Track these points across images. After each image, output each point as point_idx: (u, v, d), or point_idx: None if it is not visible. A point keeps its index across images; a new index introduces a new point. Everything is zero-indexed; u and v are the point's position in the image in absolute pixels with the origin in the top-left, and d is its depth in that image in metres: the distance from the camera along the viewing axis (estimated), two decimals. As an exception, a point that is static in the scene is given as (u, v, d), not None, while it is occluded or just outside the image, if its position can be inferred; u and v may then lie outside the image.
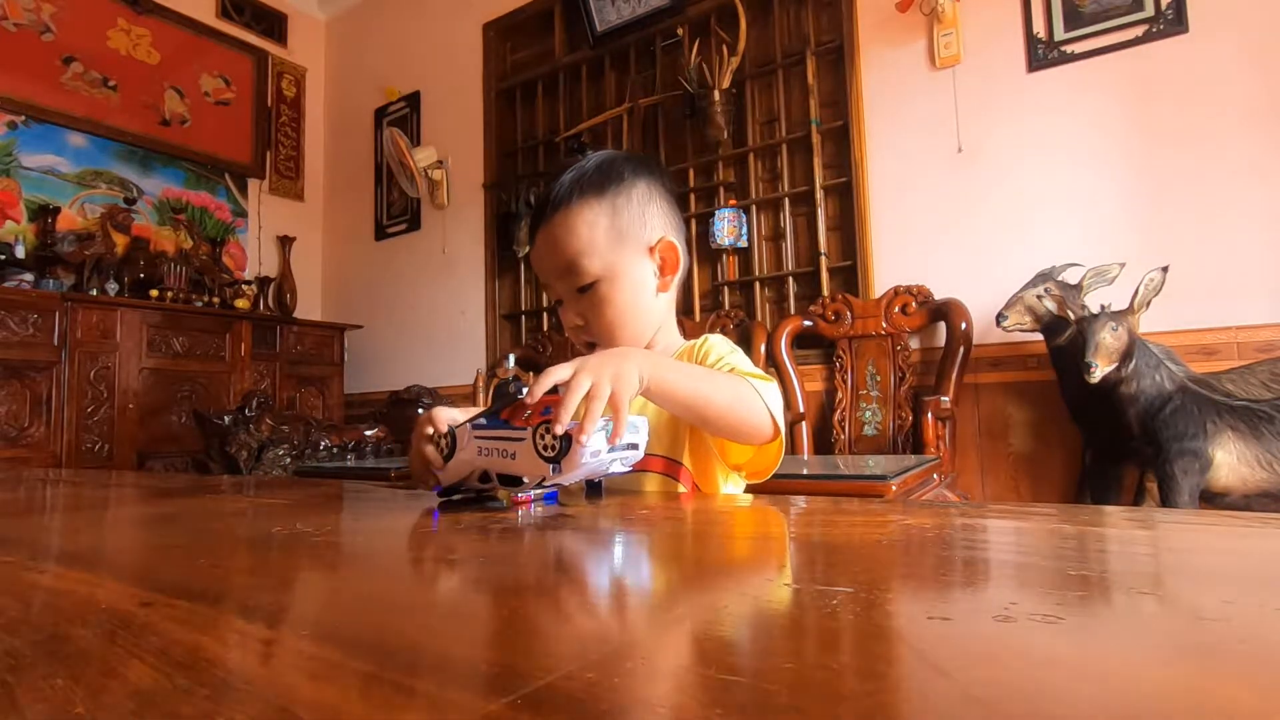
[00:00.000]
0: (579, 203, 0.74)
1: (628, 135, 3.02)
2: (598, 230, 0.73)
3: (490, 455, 0.57)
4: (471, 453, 0.58)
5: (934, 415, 2.10)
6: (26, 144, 3.17)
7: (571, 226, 0.73)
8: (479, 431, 0.58)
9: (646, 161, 0.81)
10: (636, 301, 0.76)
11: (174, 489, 0.90)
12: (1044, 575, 0.32)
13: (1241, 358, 1.91)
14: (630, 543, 0.47)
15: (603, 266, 0.73)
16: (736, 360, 0.74)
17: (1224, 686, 0.18)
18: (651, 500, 0.65)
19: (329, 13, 4.34)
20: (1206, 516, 0.55)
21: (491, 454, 0.57)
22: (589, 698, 0.18)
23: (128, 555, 0.47)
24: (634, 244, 0.75)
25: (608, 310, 0.75)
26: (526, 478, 0.55)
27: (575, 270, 0.74)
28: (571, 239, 0.73)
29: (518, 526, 0.53)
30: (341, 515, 0.62)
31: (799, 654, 0.22)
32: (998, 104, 2.31)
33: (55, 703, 0.19)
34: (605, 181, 0.75)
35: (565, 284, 0.75)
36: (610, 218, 0.74)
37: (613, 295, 0.74)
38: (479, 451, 0.57)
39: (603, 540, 0.49)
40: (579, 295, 0.75)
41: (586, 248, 0.73)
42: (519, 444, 0.55)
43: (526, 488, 0.56)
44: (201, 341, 3.27)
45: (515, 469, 0.55)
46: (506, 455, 0.55)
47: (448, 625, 0.27)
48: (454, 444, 0.59)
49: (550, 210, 0.75)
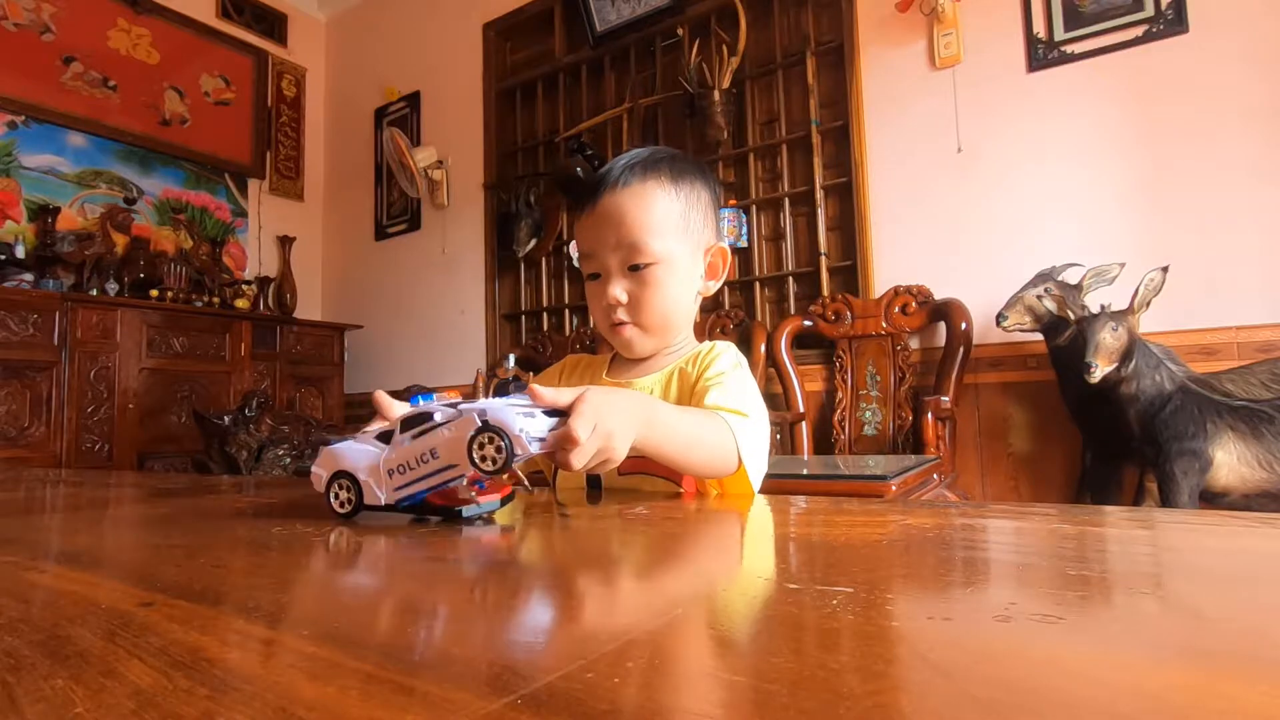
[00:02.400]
0: (655, 183, 0.74)
1: (628, 135, 3.02)
2: (671, 215, 0.74)
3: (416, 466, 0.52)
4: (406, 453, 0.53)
5: (934, 415, 2.10)
6: (26, 144, 3.17)
7: (646, 203, 0.73)
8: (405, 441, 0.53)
9: (710, 171, 0.83)
10: (683, 294, 0.77)
11: (174, 489, 0.90)
12: (1044, 575, 0.32)
13: (1241, 358, 1.91)
14: (630, 543, 0.47)
15: (665, 251, 0.73)
16: (732, 383, 0.73)
17: (1224, 686, 0.18)
18: (650, 501, 0.65)
19: (329, 13, 4.34)
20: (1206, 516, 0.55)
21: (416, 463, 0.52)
22: (589, 698, 0.18)
23: (128, 555, 0.47)
24: (694, 240, 0.76)
25: (657, 295, 0.75)
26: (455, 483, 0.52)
27: (638, 247, 0.73)
28: (643, 214, 0.73)
29: (517, 528, 0.53)
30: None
31: (799, 654, 0.22)
32: (998, 104, 2.30)
33: (55, 703, 0.19)
34: (680, 173, 0.76)
35: (618, 257, 0.74)
36: (682, 208, 0.75)
37: (667, 281, 0.74)
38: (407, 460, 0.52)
39: (603, 540, 0.49)
40: (629, 273, 0.74)
41: (657, 228, 0.73)
42: (449, 467, 0.50)
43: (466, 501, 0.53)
44: (201, 341, 3.27)
45: (443, 477, 0.51)
46: (433, 465, 0.51)
47: (448, 625, 0.27)
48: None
49: (621, 180, 0.74)
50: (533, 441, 0.48)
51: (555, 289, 3.28)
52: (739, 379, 0.75)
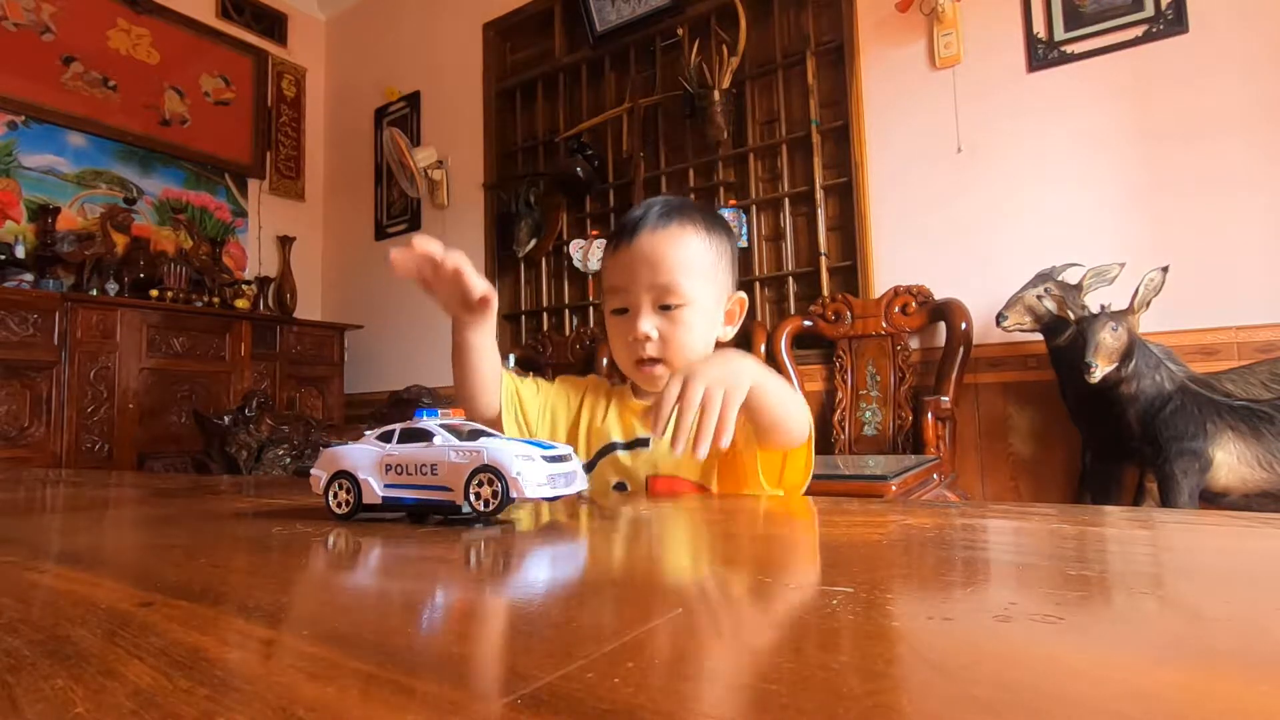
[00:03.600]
0: (692, 229, 0.79)
1: (628, 135, 3.02)
2: (705, 260, 0.79)
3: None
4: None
5: (934, 415, 2.10)
6: (26, 144, 3.17)
7: (683, 245, 0.78)
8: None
9: (730, 226, 0.88)
10: (708, 335, 0.81)
11: (174, 489, 0.90)
12: (1044, 575, 0.32)
13: (1241, 358, 1.91)
14: (630, 543, 0.47)
15: (695, 294, 0.78)
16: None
17: (1224, 686, 0.18)
18: (649, 502, 0.65)
19: (329, 13, 4.34)
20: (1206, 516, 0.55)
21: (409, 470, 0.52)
22: (589, 698, 0.18)
23: (128, 555, 0.47)
24: (720, 287, 0.82)
25: (687, 335, 0.78)
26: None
27: (672, 288, 0.77)
28: (680, 256, 0.77)
29: (517, 528, 0.53)
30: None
31: (799, 654, 0.22)
32: (998, 104, 2.30)
33: (55, 703, 0.19)
34: (712, 223, 0.81)
35: (652, 296, 0.77)
36: (714, 255, 0.80)
37: (696, 322, 0.78)
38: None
39: (603, 540, 0.49)
40: (660, 311, 0.78)
41: (691, 270, 0.77)
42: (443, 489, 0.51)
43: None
44: (201, 341, 3.27)
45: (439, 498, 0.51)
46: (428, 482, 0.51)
47: (448, 625, 0.27)
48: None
49: (659, 221, 0.78)
50: (529, 486, 0.49)
51: (555, 289, 3.28)
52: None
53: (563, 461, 0.52)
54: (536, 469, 0.50)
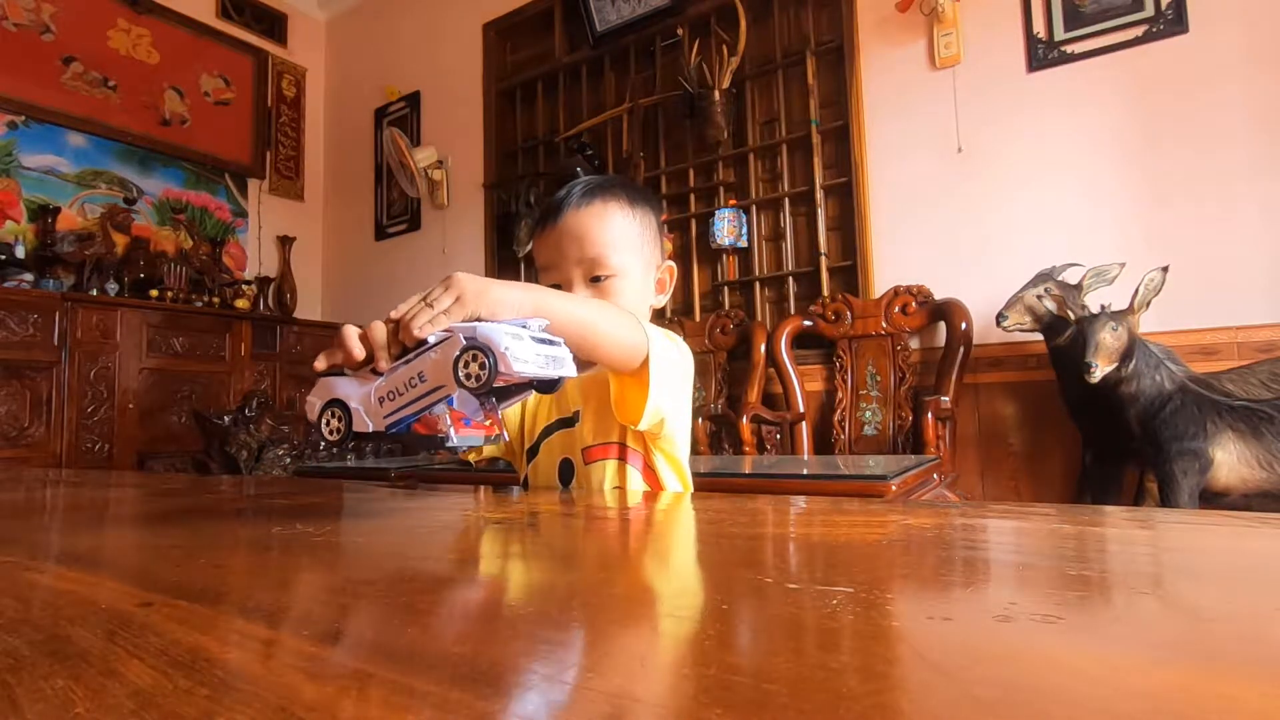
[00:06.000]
0: (615, 203, 0.81)
1: (628, 135, 3.02)
2: (630, 233, 0.81)
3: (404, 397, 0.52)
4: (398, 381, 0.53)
5: (934, 415, 2.09)
6: (26, 144, 3.17)
7: (607, 220, 0.80)
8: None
9: (656, 196, 0.88)
10: (640, 305, 0.83)
11: (174, 489, 0.90)
12: (1044, 575, 0.32)
13: (1241, 358, 1.91)
14: (630, 543, 0.47)
15: (624, 265, 0.80)
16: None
17: (1224, 686, 0.18)
18: (645, 499, 0.65)
19: (329, 13, 4.34)
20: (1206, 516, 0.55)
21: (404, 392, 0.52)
22: (589, 697, 0.18)
23: (128, 555, 0.47)
24: (648, 257, 0.84)
25: (619, 304, 0.78)
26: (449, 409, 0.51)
27: (600, 260, 0.78)
28: (605, 230, 0.79)
29: (517, 526, 0.52)
30: (342, 515, 0.62)
31: (799, 654, 0.22)
32: (998, 104, 2.30)
33: (55, 703, 0.19)
34: (635, 197, 0.83)
35: (581, 270, 0.79)
36: (639, 227, 0.82)
37: (625, 292, 0.80)
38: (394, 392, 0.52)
39: (603, 540, 0.49)
40: (591, 284, 0.80)
41: (617, 243, 0.79)
42: (435, 389, 0.50)
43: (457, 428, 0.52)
44: (201, 341, 3.27)
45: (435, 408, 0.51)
46: (418, 391, 0.51)
47: (448, 625, 0.27)
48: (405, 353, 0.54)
49: (582, 198, 0.80)
50: (518, 361, 0.48)
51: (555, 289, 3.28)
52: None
53: (552, 345, 0.52)
54: (525, 346, 0.49)
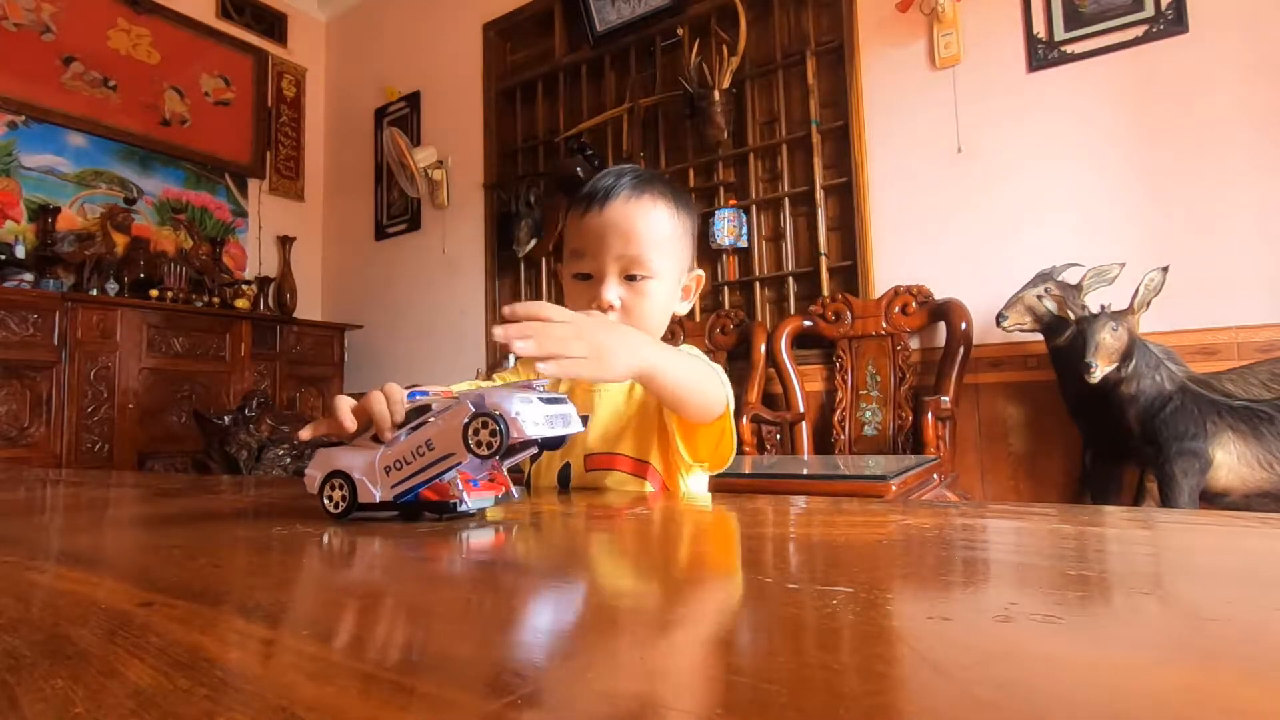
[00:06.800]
0: (663, 201, 0.79)
1: (628, 135, 3.02)
2: (672, 235, 0.80)
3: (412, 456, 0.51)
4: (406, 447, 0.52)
5: (934, 415, 2.09)
6: (26, 144, 3.17)
7: (655, 218, 0.78)
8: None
9: (693, 202, 0.88)
10: (667, 309, 0.82)
11: (174, 489, 0.90)
12: (1044, 575, 0.32)
13: (1241, 358, 1.91)
14: (630, 543, 0.47)
15: (662, 268, 0.79)
16: (700, 353, 0.78)
17: (1224, 686, 0.18)
18: (646, 501, 0.65)
19: (329, 13, 4.34)
20: (1206, 516, 0.55)
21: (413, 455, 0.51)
22: (589, 698, 0.18)
23: (127, 555, 0.47)
24: (683, 262, 0.83)
25: (649, 306, 0.79)
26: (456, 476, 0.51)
27: (640, 260, 0.77)
28: (651, 229, 0.78)
29: (516, 527, 0.52)
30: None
31: (799, 654, 0.22)
32: (998, 104, 2.30)
33: (55, 703, 0.19)
34: (680, 198, 0.82)
35: (619, 265, 0.78)
36: (680, 230, 0.81)
37: (657, 294, 0.79)
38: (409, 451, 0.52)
39: (603, 540, 0.49)
40: (626, 281, 0.78)
41: (661, 244, 0.78)
42: (446, 456, 0.50)
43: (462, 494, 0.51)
44: (201, 341, 3.27)
45: (441, 465, 0.50)
46: (429, 456, 0.50)
47: (448, 625, 0.27)
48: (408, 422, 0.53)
49: (633, 190, 0.78)
50: (529, 425, 0.48)
51: (555, 289, 3.28)
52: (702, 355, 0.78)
53: (558, 404, 0.52)
54: (534, 409, 0.49)
